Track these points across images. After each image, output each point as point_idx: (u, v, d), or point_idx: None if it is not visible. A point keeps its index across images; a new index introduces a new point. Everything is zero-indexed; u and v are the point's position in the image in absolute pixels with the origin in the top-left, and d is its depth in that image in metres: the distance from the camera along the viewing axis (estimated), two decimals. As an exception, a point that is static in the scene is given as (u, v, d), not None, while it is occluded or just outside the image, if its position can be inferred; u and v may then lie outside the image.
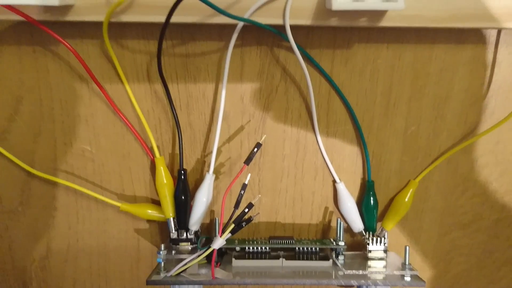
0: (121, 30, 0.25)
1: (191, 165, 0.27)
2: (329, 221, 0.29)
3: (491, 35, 0.25)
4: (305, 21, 0.23)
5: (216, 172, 0.26)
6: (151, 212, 0.27)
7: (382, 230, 0.27)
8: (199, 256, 0.24)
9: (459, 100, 0.26)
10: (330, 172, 0.27)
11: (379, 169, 0.28)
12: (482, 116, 0.27)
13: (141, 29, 0.25)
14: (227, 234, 0.23)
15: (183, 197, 0.26)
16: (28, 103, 0.26)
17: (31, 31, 0.25)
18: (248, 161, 0.24)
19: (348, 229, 0.28)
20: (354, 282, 0.24)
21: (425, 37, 0.25)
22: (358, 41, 0.25)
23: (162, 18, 0.21)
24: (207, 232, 0.28)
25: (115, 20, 0.23)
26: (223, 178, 0.27)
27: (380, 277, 0.25)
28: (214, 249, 0.23)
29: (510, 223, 0.29)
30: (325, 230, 0.29)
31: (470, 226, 0.29)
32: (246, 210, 0.23)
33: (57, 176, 0.27)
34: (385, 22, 0.23)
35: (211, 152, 0.26)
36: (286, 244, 0.27)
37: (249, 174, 0.24)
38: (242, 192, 0.23)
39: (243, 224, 0.23)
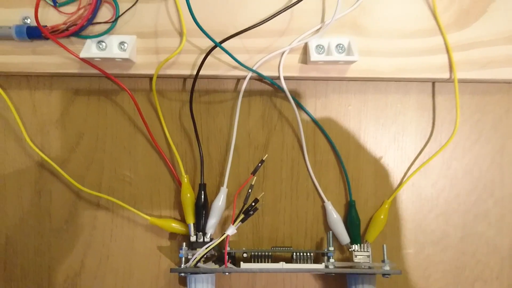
0: (162, 83, 0.33)
1: (209, 182, 0.33)
2: (321, 237, 0.33)
3: (428, 86, 0.34)
4: (294, 73, 0.32)
5: (228, 186, 0.32)
6: (174, 225, 0.32)
7: (365, 242, 0.32)
8: (214, 243, 0.28)
9: (413, 135, 0.34)
10: (319, 193, 0.33)
11: (359, 191, 0.34)
12: (433, 146, 0.34)
13: (176, 83, 0.34)
14: (238, 222, 0.28)
15: (202, 206, 0.31)
16: (87, 138, 0.34)
17: (99, 83, 0.34)
18: (254, 172, 0.31)
19: (337, 247, 0.33)
20: (343, 270, 0.29)
21: (381, 89, 0.34)
22: (332, 92, 0.34)
23: (194, 71, 0.31)
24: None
25: (162, 73, 0.32)
26: (234, 190, 0.33)
27: (364, 265, 0.29)
28: (227, 235, 0.28)
29: (474, 240, 0.34)
30: (318, 243, 0.33)
31: (439, 243, 0.34)
32: (253, 204, 0.29)
33: (100, 198, 0.33)
34: (349, 74, 0.32)
35: (225, 172, 0.32)
36: (285, 251, 0.31)
37: (255, 177, 0.30)
38: (250, 190, 0.29)
39: (251, 213, 0.28)
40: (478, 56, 0.31)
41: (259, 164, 0.31)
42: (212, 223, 0.30)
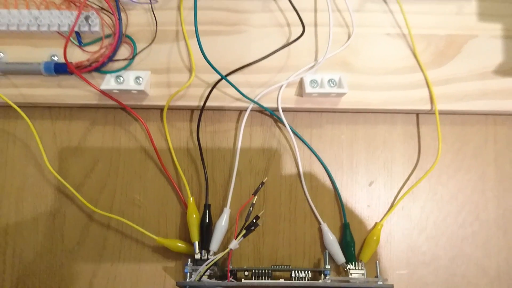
0: (172, 114, 0.37)
1: (213, 204, 0.35)
2: (318, 258, 0.35)
3: (413, 117, 0.37)
4: (291, 105, 0.35)
5: (231, 207, 0.34)
6: (180, 245, 0.34)
7: (360, 261, 0.34)
8: (218, 256, 0.30)
9: (401, 162, 0.37)
10: (316, 216, 0.35)
11: (353, 213, 0.36)
12: (419, 173, 0.36)
13: (185, 114, 0.37)
14: (240, 237, 0.30)
15: (206, 225, 0.33)
16: (101, 164, 0.36)
17: (114, 114, 0.37)
18: (255, 193, 0.33)
19: (334, 268, 0.34)
20: (339, 284, 0.30)
21: (370, 120, 0.37)
22: (326, 123, 0.37)
23: (201, 102, 0.34)
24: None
25: (172, 104, 0.35)
26: (236, 211, 0.35)
27: (359, 281, 0.31)
28: (230, 249, 0.30)
29: (463, 262, 0.35)
30: (316, 263, 0.35)
31: (431, 264, 0.35)
32: (254, 220, 0.31)
33: (111, 219, 0.35)
34: (340, 105, 0.35)
35: (228, 195, 0.35)
36: (284, 270, 0.33)
37: (256, 197, 0.33)
38: (251, 208, 0.32)
39: (252, 228, 0.30)
40: (455, 90, 0.35)
41: (260, 186, 0.33)
42: (216, 241, 0.32)
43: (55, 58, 0.35)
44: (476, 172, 0.36)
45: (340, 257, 0.33)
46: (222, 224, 0.33)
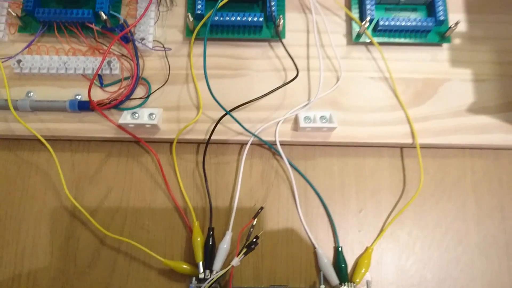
0: (180, 147, 0.40)
1: (216, 228, 0.38)
2: (314, 280, 0.37)
3: (398, 151, 0.41)
4: (287, 138, 0.39)
5: (233, 231, 0.37)
6: (185, 267, 0.36)
7: (352, 283, 0.36)
8: (221, 272, 0.33)
9: (388, 191, 0.40)
10: (311, 240, 0.38)
11: (345, 238, 0.38)
12: (405, 201, 0.40)
13: (192, 147, 0.41)
14: (241, 255, 0.33)
15: (210, 247, 0.36)
16: (114, 192, 0.39)
17: (128, 147, 0.41)
18: (255, 216, 0.36)
19: (329, 289, 0.37)
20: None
21: (359, 153, 0.41)
22: (319, 155, 0.41)
23: (207, 136, 0.38)
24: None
25: (181, 138, 0.39)
26: (238, 233, 0.37)
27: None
28: (232, 266, 0.33)
29: (450, 284, 0.37)
30: (311, 284, 0.37)
31: (419, 286, 0.37)
32: (254, 239, 0.34)
33: (121, 243, 0.38)
34: (331, 139, 0.39)
35: (230, 219, 0.37)
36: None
37: (255, 220, 0.36)
38: (251, 229, 0.35)
39: (252, 246, 0.33)
40: (433, 126, 0.39)
41: (259, 210, 0.36)
42: (218, 261, 0.35)
43: (79, 97, 0.39)
44: (457, 201, 0.39)
45: (334, 279, 0.36)
46: (224, 246, 0.35)
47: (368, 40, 0.40)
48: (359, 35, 0.40)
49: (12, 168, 0.40)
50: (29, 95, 0.39)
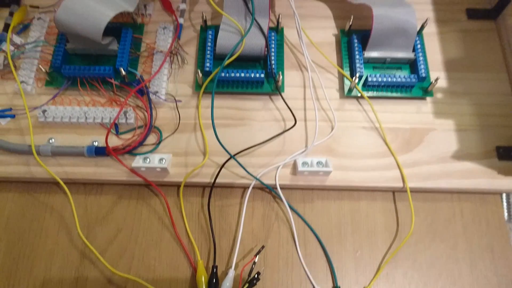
0: (187, 190, 0.43)
1: (219, 267, 0.39)
2: (313, 319, 0.38)
3: (390, 195, 0.44)
4: (286, 182, 0.42)
5: (235, 269, 0.39)
6: (188, 304, 0.38)
7: (351, 321, 0.37)
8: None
9: (382, 233, 0.42)
10: (310, 280, 0.40)
11: (343, 278, 0.40)
12: (398, 243, 0.42)
13: (198, 191, 0.43)
14: (243, 290, 0.34)
15: (214, 285, 0.37)
16: (123, 232, 0.42)
17: (138, 190, 0.43)
18: (256, 254, 0.38)
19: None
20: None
21: (353, 196, 0.43)
22: (317, 199, 0.43)
23: (212, 179, 0.41)
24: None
25: (188, 181, 0.42)
26: (240, 271, 0.39)
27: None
28: (234, 300, 0.34)
29: (445, 324, 0.38)
30: (311, 323, 0.38)
31: (417, 326, 0.38)
32: (256, 275, 0.35)
33: (128, 282, 0.39)
34: (327, 183, 0.42)
35: (233, 259, 0.39)
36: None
37: (257, 257, 0.37)
38: (253, 266, 0.36)
39: (254, 282, 0.35)
40: (421, 171, 0.42)
41: (261, 249, 0.38)
42: (221, 298, 0.36)
43: (96, 143, 0.42)
44: (449, 243, 0.41)
45: (334, 317, 0.37)
46: (227, 284, 0.37)
47: (358, 94, 0.45)
48: (350, 90, 0.45)
49: (29, 209, 0.42)
50: (50, 141, 0.42)
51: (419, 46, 0.45)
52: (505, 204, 0.44)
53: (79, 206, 0.42)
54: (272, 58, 0.44)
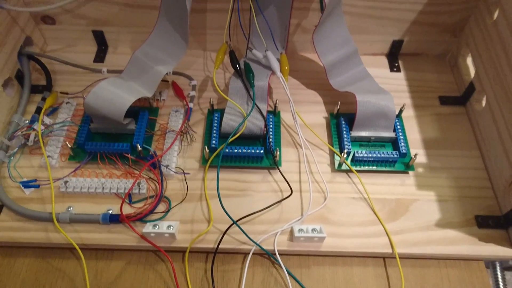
0: (191, 256, 0.47)
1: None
2: None
3: (381, 261, 0.47)
4: (284, 248, 0.46)
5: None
6: None
7: None
8: None
9: (376, 297, 0.44)
10: None
11: None
12: (391, 306, 0.44)
13: (202, 256, 0.47)
14: None
15: None
16: (131, 296, 0.44)
17: (146, 256, 0.46)
18: (256, 316, 0.40)
19: None
20: None
21: (347, 262, 0.46)
22: (313, 264, 0.46)
23: (216, 244, 0.45)
24: None
25: (193, 246, 0.46)
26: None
27: None
28: None
29: None
30: None
31: None
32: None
33: None
34: (322, 249, 0.45)
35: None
36: None
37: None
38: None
39: None
40: (408, 238, 0.46)
41: (260, 311, 0.41)
42: None
43: (110, 211, 0.47)
44: (439, 307, 0.43)
45: None
46: None
47: (348, 169, 0.50)
48: (340, 165, 0.50)
49: (42, 274, 0.45)
50: (69, 209, 0.47)
51: (399, 127, 0.52)
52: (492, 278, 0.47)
53: (90, 271, 0.45)
54: (271, 136, 0.50)
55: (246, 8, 0.54)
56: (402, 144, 0.50)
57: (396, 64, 0.61)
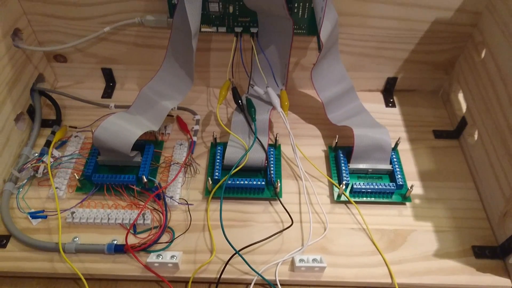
0: (194, 286, 0.47)
1: None
2: None
3: (380, 292, 0.47)
4: (285, 277, 0.46)
5: None
6: None
7: None
8: None
9: (376, 328, 0.45)
10: None
11: None
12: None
13: (203, 287, 0.47)
14: None
15: None
16: (134, 327, 0.45)
17: (149, 285, 0.47)
18: None
19: None
20: None
21: (347, 293, 0.47)
22: (314, 294, 0.47)
23: (218, 274, 0.46)
24: None
25: (196, 276, 0.46)
26: None
27: None
28: None
29: None
30: None
31: None
32: None
33: None
34: (322, 278, 0.46)
35: None
36: None
37: None
38: None
39: None
40: (407, 268, 0.47)
41: None
42: None
43: (115, 242, 0.48)
44: (440, 338, 0.44)
45: None
46: None
47: (347, 200, 0.52)
48: (339, 196, 0.52)
49: (46, 305, 0.45)
50: (75, 239, 0.48)
51: (395, 159, 0.54)
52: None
53: (94, 301, 0.45)
54: (271, 169, 0.52)
55: (248, 47, 0.58)
56: (399, 176, 0.52)
57: (391, 100, 0.64)
